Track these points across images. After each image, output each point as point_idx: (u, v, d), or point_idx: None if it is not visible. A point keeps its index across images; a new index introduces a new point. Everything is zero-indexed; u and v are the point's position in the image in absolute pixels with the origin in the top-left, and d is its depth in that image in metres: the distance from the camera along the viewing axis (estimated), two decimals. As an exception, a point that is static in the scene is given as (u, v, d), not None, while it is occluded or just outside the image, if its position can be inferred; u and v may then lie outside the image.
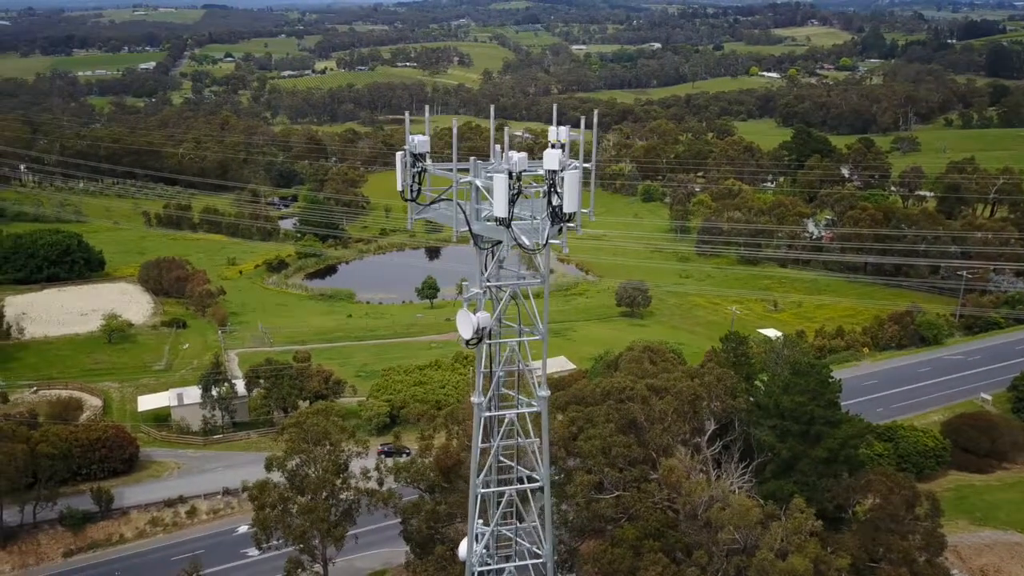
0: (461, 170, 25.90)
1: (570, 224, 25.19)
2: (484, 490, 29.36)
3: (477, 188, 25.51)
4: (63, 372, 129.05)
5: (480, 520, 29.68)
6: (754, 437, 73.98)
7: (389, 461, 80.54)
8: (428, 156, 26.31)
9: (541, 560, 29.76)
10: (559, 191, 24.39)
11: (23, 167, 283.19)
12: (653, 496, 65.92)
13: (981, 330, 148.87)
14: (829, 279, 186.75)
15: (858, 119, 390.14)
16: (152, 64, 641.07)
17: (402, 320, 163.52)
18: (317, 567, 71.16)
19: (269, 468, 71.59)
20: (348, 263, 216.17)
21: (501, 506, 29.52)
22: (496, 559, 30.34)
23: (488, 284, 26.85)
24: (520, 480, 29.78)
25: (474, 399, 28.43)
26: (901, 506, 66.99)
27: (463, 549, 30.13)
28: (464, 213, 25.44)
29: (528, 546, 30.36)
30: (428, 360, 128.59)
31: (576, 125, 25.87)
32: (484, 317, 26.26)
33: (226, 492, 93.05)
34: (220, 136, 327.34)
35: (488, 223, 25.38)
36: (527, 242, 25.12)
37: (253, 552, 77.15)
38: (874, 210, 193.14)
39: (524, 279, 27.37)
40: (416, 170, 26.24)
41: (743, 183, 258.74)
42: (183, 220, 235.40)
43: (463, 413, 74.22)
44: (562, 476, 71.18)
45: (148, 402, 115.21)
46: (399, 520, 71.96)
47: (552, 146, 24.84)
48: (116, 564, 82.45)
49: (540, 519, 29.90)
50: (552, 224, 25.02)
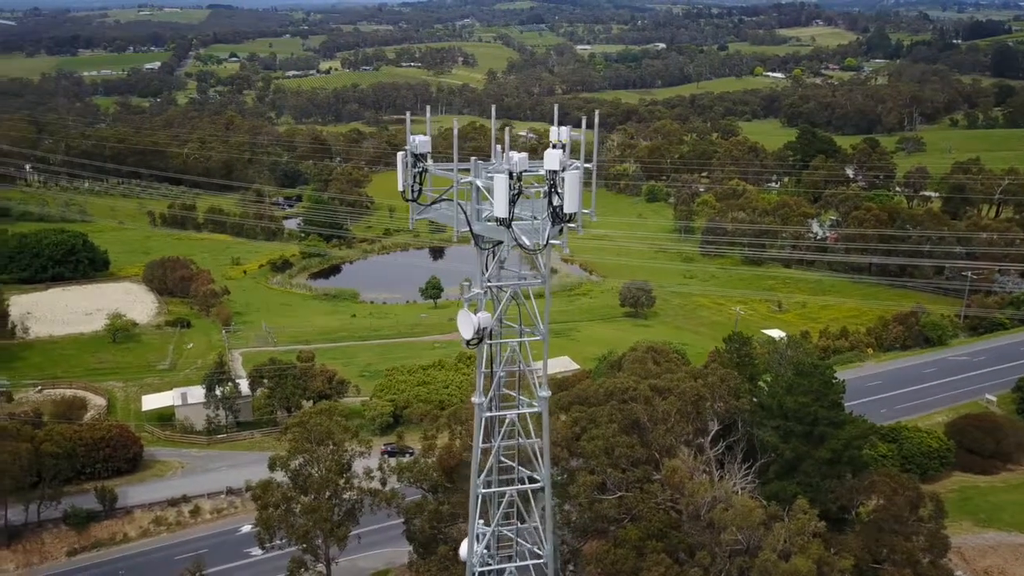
0: (462, 170, 25.91)
1: (571, 224, 25.17)
2: (485, 490, 29.38)
3: (478, 188, 25.51)
4: (67, 371, 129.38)
5: (481, 520, 29.68)
6: (757, 438, 73.82)
7: (392, 461, 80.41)
8: (429, 156, 26.34)
9: (542, 561, 29.76)
10: (559, 191, 24.39)
11: (28, 167, 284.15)
12: (656, 497, 65.80)
13: (986, 331, 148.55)
14: (833, 280, 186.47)
15: (863, 119, 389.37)
16: (157, 64, 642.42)
17: (406, 320, 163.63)
18: (320, 567, 71.18)
19: (272, 468, 71.59)
20: (352, 263, 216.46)
21: (502, 506, 29.52)
22: (497, 559, 30.34)
23: (489, 284, 26.85)
24: (521, 481, 29.79)
25: (475, 399, 28.45)
26: (905, 507, 66.78)
27: (464, 549, 30.17)
28: (465, 213, 25.44)
29: (529, 547, 30.36)
30: (432, 360, 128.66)
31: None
32: (485, 317, 26.25)
33: (230, 492, 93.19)
34: (225, 136, 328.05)
35: (489, 223, 25.37)
36: (527, 242, 25.11)
37: (256, 552, 77.20)
38: (879, 210, 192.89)
39: (525, 279, 27.35)
40: (417, 170, 26.26)
41: (747, 183, 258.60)
42: (188, 220, 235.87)
43: (466, 413, 74.15)
44: (565, 476, 71.09)
45: (152, 401, 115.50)
46: (402, 520, 71.97)
47: (553, 146, 24.86)
48: (120, 563, 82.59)
49: (541, 520, 29.89)
50: (553, 224, 25.01)
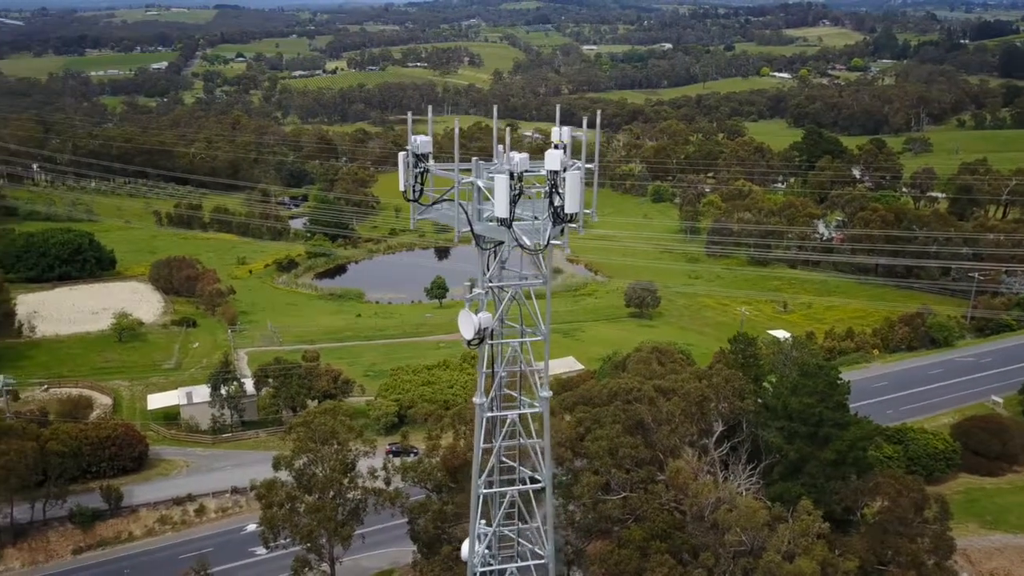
0: (463, 170, 25.92)
1: (572, 225, 25.16)
2: (486, 491, 29.39)
3: (479, 188, 25.51)
4: (74, 370, 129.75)
5: (482, 521, 29.68)
6: (762, 439, 73.74)
7: (397, 460, 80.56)
8: (431, 156, 26.35)
9: (544, 561, 29.75)
10: (560, 191, 24.38)
11: (36, 166, 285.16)
12: (660, 497, 65.77)
13: (992, 332, 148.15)
14: (839, 280, 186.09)
15: (870, 120, 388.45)
16: (164, 64, 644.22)
17: (411, 320, 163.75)
18: (324, 566, 71.30)
19: (277, 467, 71.75)
20: (358, 263, 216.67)
21: (503, 507, 29.52)
22: (499, 559, 30.34)
23: (490, 285, 26.85)
24: (522, 481, 29.79)
25: (476, 399, 28.47)
26: (910, 509, 66.63)
27: (465, 549, 30.19)
28: (466, 213, 25.44)
29: (530, 547, 30.35)
30: (436, 360, 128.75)
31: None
32: (486, 318, 26.26)
33: (234, 491, 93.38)
34: (231, 136, 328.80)
35: (490, 223, 25.36)
36: (528, 243, 25.10)
37: (261, 551, 77.31)
38: (885, 211, 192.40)
39: (526, 280, 27.35)
40: (418, 170, 26.28)
41: (753, 184, 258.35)
42: (194, 219, 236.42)
43: (470, 413, 74.13)
44: (569, 477, 71.09)
45: (157, 400, 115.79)
46: (406, 520, 72.04)
47: (555, 146, 24.85)
48: (125, 562, 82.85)
49: (542, 520, 29.88)
50: (554, 225, 25.00)
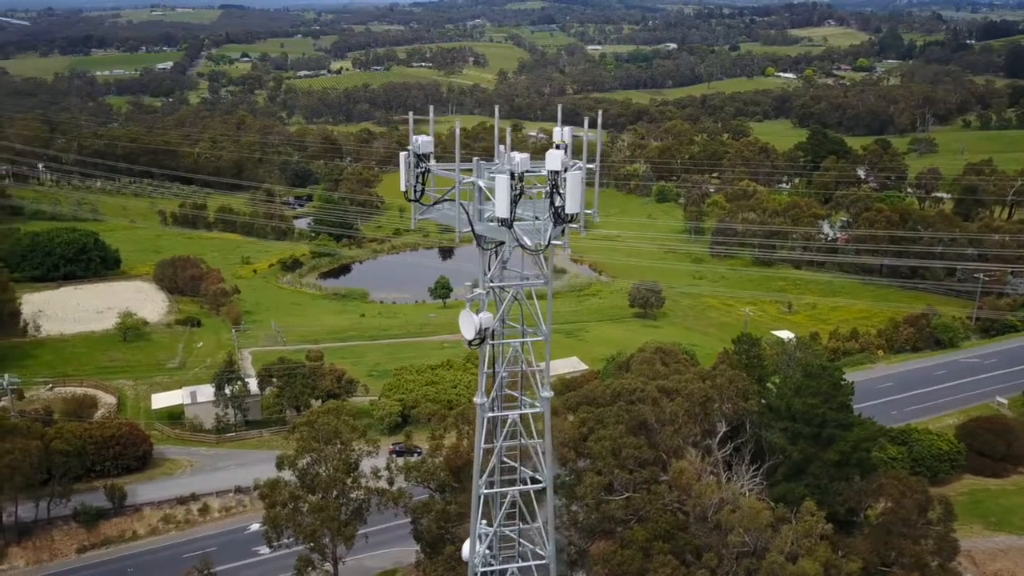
0: (464, 170, 25.92)
1: (573, 225, 25.14)
2: (487, 491, 29.39)
3: (480, 189, 25.51)
4: (78, 369, 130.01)
5: (483, 521, 29.68)
6: (765, 439, 73.63)
7: (400, 460, 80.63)
8: (432, 156, 26.36)
9: (545, 561, 29.74)
10: (561, 192, 24.36)
11: (41, 166, 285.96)
12: (663, 498, 65.73)
13: (997, 333, 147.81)
14: (844, 281, 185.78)
15: (875, 120, 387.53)
16: (169, 64, 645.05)
17: (415, 320, 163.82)
18: (327, 566, 71.32)
19: (280, 467, 71.82)
20: (362, 263, 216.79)
21: (504, 507, 29.51)
22: (500, 560, 30.34)
23: (491, 285, 26.83)
24: (523, 481, 29.78)
25: (477, 400, 28.47)
26: (913, 510, 66.51)
27: (466, 550, 30.19)
28: (467, 214, 25.44)
29: (532, 547, 30.34)
30: (440, 360, 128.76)
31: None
32: (487, 318, 26.25)
33: (238, 490, 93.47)
34: (236, 136, 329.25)
35: (490, 224, 25.35)
36: (529, 243, 25.09)
37: (264, 550, 77.47)
38: (890, 212, 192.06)
39: (527, 280, 27.34)
40: (420, 170, 26.28)
41: (758, 184, 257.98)
42: (198, 219, 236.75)
43: (473, 413, 73.86)
44: (572, 477, 71.09)
45: (162, 400, 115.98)
46: (409, 520, 72.08)
47: (557, 146, 24.83)
48: (129, 560, 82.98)
49: (544, 520, 29.87)
50: (555, 225, 24.99)
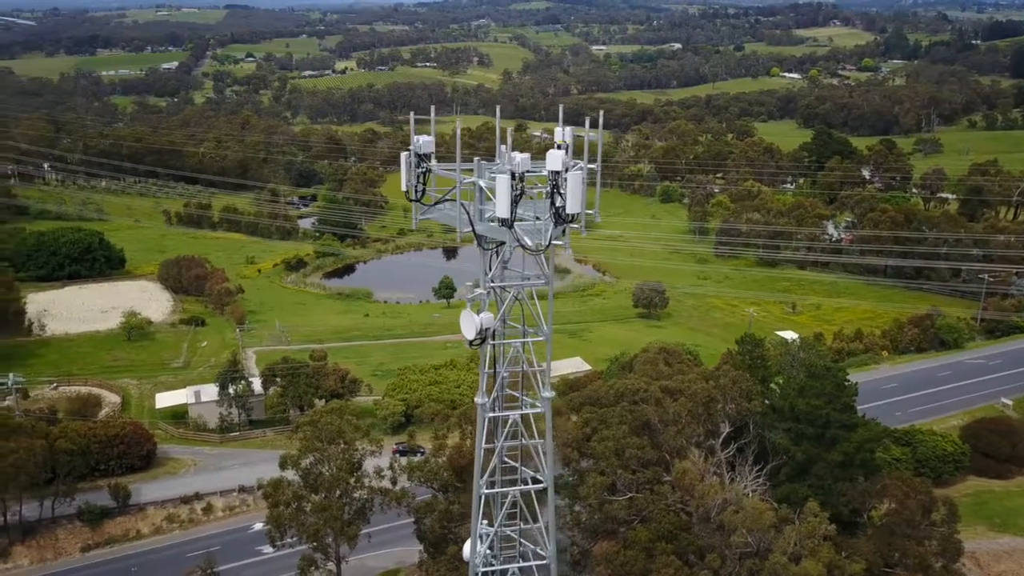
0: (465, 170, 25.92)
1: (574, 225, 25.13)
2: (487, 491, 29.38)
3: (481, 189, 25.50)
4: (83, 369, 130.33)
5: (485, 521, 29.67)
6: (769, 440, 73.53)
7: (403, 460, 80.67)
8: (433, 156, 26.37)
9: (546, 561, 29.73)
10: (562, 192, 24.34)
11: (47, 165, 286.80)
12: (666, 498, 65.66)
13: (1003, 334, 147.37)
14: (848, 282, 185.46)
15: (880, 120, 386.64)
16: (174, 64, 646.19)
17: (419, 320, 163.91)
18: (330, 565, 71.40)
19: (283, 466, 71.90)
20: (366, 262, 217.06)
21: (505, 507, 29.50)
22: (501, 560, 30.32)
23: (492, 285, 26.83)
24: (525, 481, 29.76)
25: (478, 400, 28.47)
26: (917, 511, 66.33)
27: (467, 550, 30.18)
28: (468, 214, 25.44)
29: (533, 548, 30.32)
30: (444, 360, 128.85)
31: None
32: (487, 318, 26.23)
33: (242, 489, 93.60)
34: (241, 136, 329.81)
35: (491, 224, 25.34)
36: (529, 243, 25.08)
37: (268, 550, 77.59)
38: (895, 212, 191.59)
39: (528, 280, 27.33)
40: (421, 170, 26.30)
41: (762, 184, 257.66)
42: (203, 219, 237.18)
43: (476, 413, 74.29)
44: (575, 477, 71.07)
45: (166, 399, 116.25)
46: (412, 519, 72.11)
47: (558, 147, 24.83)
48: (133, 559, 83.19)
49: (544, 520, 29.85)
50: (555, 225, 24.97)
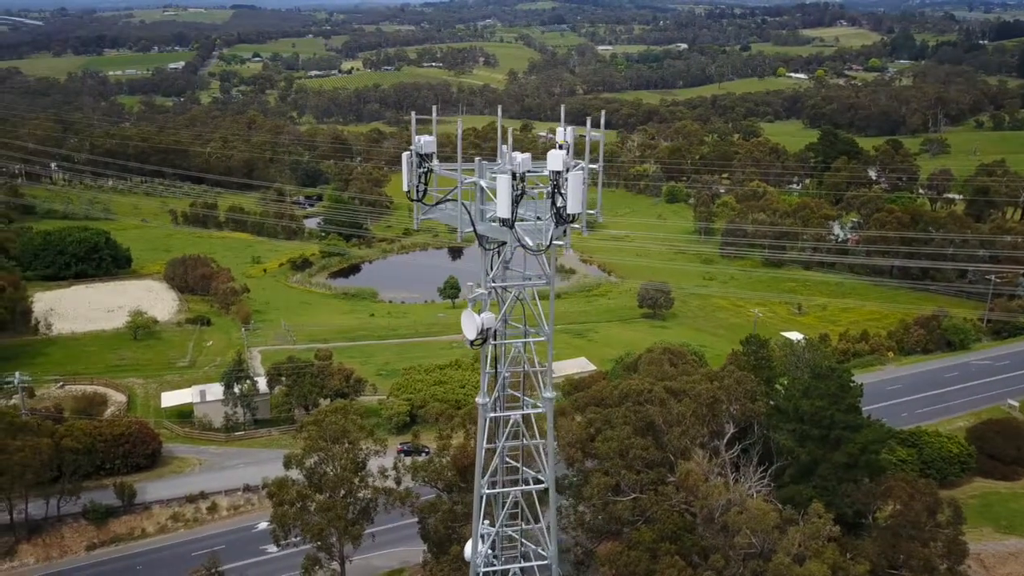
0: (466, 170, 25.90)
1: (575, 226, 25.10)
2: (488, 491, 29.37)
3: (482, 189, 25.49)
4: (89, 368, 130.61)
5: (486, 521, 29.67)
6: (773, 441, 73.43)
7: (408, 460, 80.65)
8: (435, 156, 26.36)
9: (547, 562, 29.71)
10: (563, 192, 24.31)
11: (54, 165, 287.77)
12: (670, 499, 65.59)
13: (1009, 335, 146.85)
14: (854, 282, 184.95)
15: (886, 121, 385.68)
16: (181, 64, 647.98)
17: (424, 319, 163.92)
18: (334, 565, 71.48)
19: (288, 466, 71.97)
20: (371, 262, 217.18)
21: (507, 507, 29.49)
22: (503, 560, 30.32)
23: (493, 285, 26.81)
24: (526, 482, 29.75)
25: (479, 400, 28.45)
26: (922, 512, 66.13)
27: (468, 550, 30.18)
28: (469, 214, 25.43)
29: (534, 548, 30.30)
30: (448, 360, 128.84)
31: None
32: (488, 318, 26.22)
33: (247, 489, 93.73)
34: (247, 135, 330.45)
35: (492, 224, 25.33)
36: (530, 243, 25.07)
37: (272, 549, 77.61)
38: (901, 213, 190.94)
39: (529, 280, 27.31)
40: (422, 170, 26.30)
41: (768, 185, 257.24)
42: (209, 218, 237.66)
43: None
44: (579, 477, 71.04)
45: (171, 398, 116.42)
46: (416, 519, 72.12)
47: (560, 147, 24.80)
48: (138, 558, 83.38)
49: (546, 520, 29.84)
50: (556, 225, 24.94)
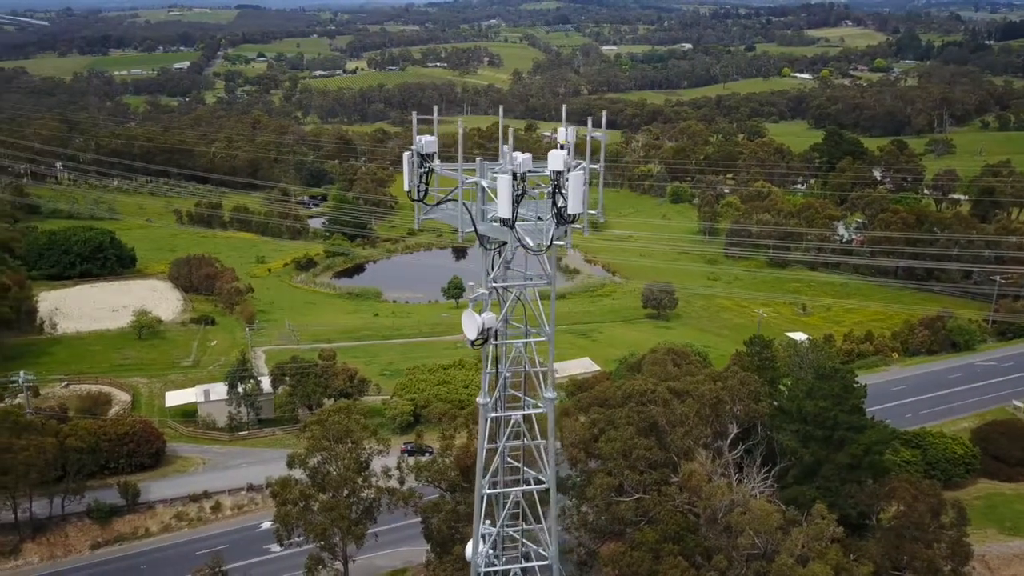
0: (467, 171, 25.88)
1: (576, 226, 25.08)
2: (489, 491, 29.36)
3: (483, 189, 25.48)
4: (93, 367, 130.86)
5: (487, 521, 29.65)
6: (777, 442, 73.31)
7: (411, 460, 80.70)
8: (436, 156, 26.35)
9: (548, 562, 29.70)
10: (563, 192, 24.29)
11: (59, 165, 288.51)
12: (673, 499, 65.52)
13: (1014, 336, 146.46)
14: (859, 283, 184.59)
15: (892, 121, 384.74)
16: (186, 64, 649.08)
17: (427, 319, 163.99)
18: (337, 564, 71.53)
19: (291, 465, 72.05)
20: (376, 262, 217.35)
21: (507, 507, 29.48)
22: (504, 560, 30.30)
23: (494, 285, 26.79)
24: (527, 482, 29.73)
25: (479, 400, 28.44)
26: (926, 514, 65.98)
27: (469, 550, 30.17)
28: (470, 214, 25.42)
29: (535, 548, 30.29)
30: (452, 360, 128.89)
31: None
32: (489, 318, 26.19)
33: (250, 488, 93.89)
34: (251, 135, 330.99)
35: (493, 224, 25.31)
36: (531, 243, 25.05)
37: (275, 548, 77.67)
38: (906, 213, 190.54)
39: (530, 280, 27.28)
40: (423, 170, 26.29)
41: (773, 185, 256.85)
42: (214, 218, 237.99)
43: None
44: (582, 478, 70.99)
45: (176, 398, 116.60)
46: (419, 519, 72.14)
47: (561, 147, 24.78)
48: (141, 557, 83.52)
49: (545, 521, 29.82)
50: (557, 225, 24.92)
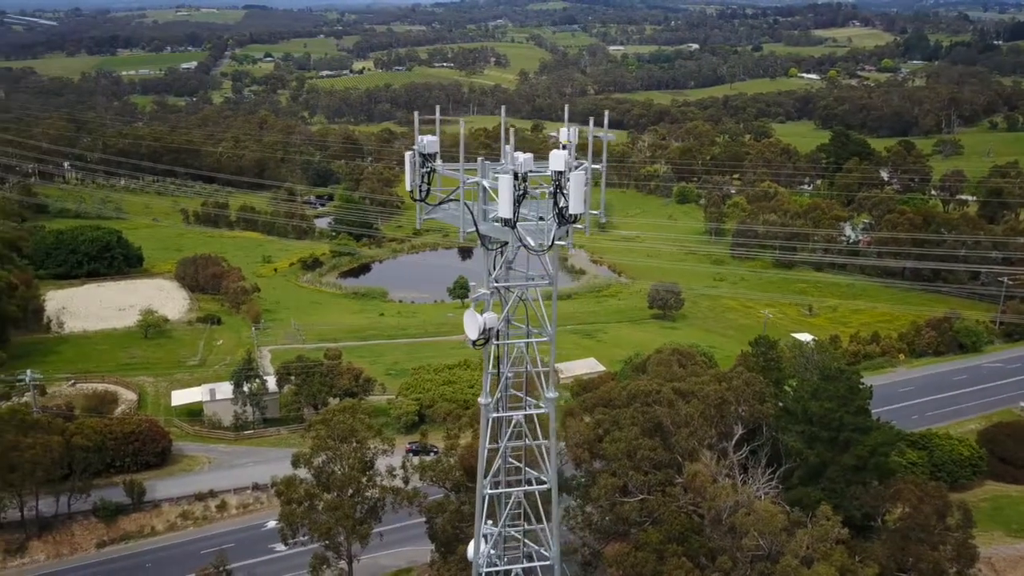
0: (469, 171, 25.86)
1: (577, 226, 25.05)
2: (490, 491, 29.36)
3: (485, 189, 25.46)
4: (100, 366, 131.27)
5: (489, 521, 29.65)
6: (782, 443, 73.14)
7: (415, 459, 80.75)
8: (437, 156, 26.34)
9: (549, 562, 29.69)
10: (565, 192, 24.26)
11: (67, 164, 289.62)
12: (678, 500, 65.44)
13: (1021, 337, 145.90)
14: (865, 284, 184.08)
15: (899, 121, 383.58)
16: (194, 64, 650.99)
17: (433, 319, 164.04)
18: (342, 564, 71.57)
19: (296, 464, 72.16)
20: (382, 262, 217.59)
21: (509, 507, 29.48)
22: (505, 560, 30.30)
23: (496, 285, 26.77)
24: (529, 482, 29.72)
25: (481, 400, 28.43)
26: (932, 515, 65.74)
27: (471, 550, 30.18)
28: (471, 213, 25.40)
29: (537, 548, 30.27)
30: (457, 359, 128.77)
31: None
32: (491, 318, 26.18)
33: (255, 487, 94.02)
34: (258, 135, 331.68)
35: (495, 224, 25.29)
36: (532, 243, 25.03)
37: (280, 547, 77.93)
38: (913, 214, 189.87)
39: (532, 280, 27.25)
40: (425, 170, 26.29)
41: (780, 186, 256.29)
42: (220, 218, 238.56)
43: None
44: (587, 478, 70.97)
45: (181, 397, 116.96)
46: (424, 519, 72.19)
47: (563, 147, 24.75)
48: (147, 556, 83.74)
49: (547, 521, 29.79)
50: (559, 225, 24.90)
